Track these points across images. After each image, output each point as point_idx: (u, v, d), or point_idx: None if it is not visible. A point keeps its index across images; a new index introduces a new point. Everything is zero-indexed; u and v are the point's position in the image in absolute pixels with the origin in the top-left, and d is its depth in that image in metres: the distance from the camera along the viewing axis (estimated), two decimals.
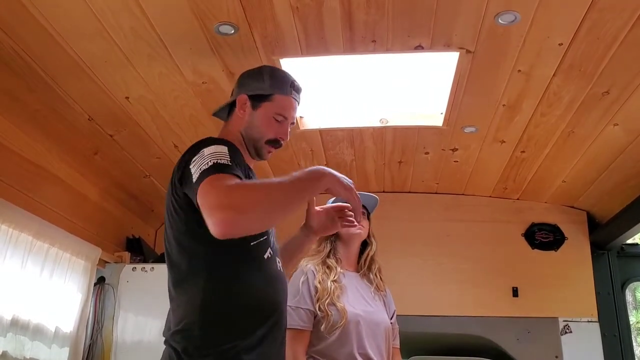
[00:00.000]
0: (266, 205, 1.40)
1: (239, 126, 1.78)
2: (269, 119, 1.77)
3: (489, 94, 2.62)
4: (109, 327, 3.22)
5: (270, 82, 1.79)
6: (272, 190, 1.44)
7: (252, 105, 1.77)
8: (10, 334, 2.50)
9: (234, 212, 1.35)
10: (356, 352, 2.27)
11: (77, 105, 2.66)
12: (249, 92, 1.78)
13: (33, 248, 2.67)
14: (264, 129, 1.77)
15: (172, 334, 1.51)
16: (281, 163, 3.46)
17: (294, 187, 1.48)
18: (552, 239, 3.75)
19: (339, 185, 1.58)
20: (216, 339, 1.48)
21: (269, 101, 1.77)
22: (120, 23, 2.13)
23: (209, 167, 1.45)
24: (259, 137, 1.77)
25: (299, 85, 1.84)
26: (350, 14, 2.12)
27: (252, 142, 1.78)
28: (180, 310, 1.53)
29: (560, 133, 2.90)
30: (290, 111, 1.80)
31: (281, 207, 1.43)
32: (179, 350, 1.47)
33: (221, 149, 1.53)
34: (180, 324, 1.50)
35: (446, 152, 3.27)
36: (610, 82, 2.41)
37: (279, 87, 1.79)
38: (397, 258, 3.67)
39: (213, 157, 1.48)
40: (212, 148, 1.52)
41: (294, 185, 1.48)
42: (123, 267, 3.36)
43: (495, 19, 2.09)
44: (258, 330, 1.54)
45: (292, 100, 1.81)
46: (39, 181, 2.76)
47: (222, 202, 1.36)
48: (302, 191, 1.51)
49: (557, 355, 3.49)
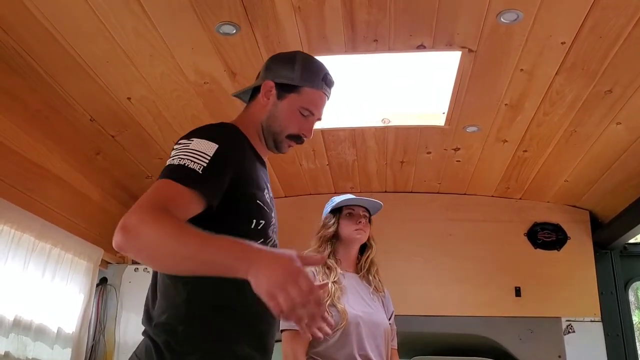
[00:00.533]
0: (159, 255, 1.24)
1: (260, 114, 1.64)
2: (294, 112, 1.63)
3: (491, 93, 2.61)
4: (111, 327, 3.23)
5: (301, 72, 1.64)
6: (178, 243, 1.21)
7: (277, 94, 1.63)
8: (12, 334, 2.50)
9: (128, 241, 1.22)
10: (356, 353, 2.28)
11: (78, 105, 2.66)
12: (277, 80, 1.64)
13: (35, 249, 2.67)
14: (287, 123, 1.62)
15: (153, 326, 1.42)
16: (283, 163, 3.46)
17: (203, 255, 1.21)
18: (555, 238, 3.74)
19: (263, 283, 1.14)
20: (201, 337, 1.39)
21: (297, 93, 1.63)
22: (121, 23, 2.13)
23: (176, 165, 1.35)
24: (280, 130, 1.63)
25: (332, 79, 1.70)
26: (352, 14, 2.11)
27: (271, 134, 1.64)
28: (164, 302, 1.44)
29: (562, 132, 2.89)
30: (318, 107, 1.66)
31: (174, 266, 1.27)
32: (160, 344, 1.38)
33: (208, 149, 1.39)
34: (162, 316, 1.41)
35: (448, 151, 3.26)
36: (613, 80, 2.40)
37: (310, 79, 1.64)
38: (399, 258, 3.67)
39: (189, 155, 1.36)
40: (200, 143, 1.40)
41: (206, 253, 1.21)
42: (125, 267, 3.36)
43: (497, 18, 2.08)
44: (246, 332, 1.45)
45: (323, 95, 1.67)
46: (41, 182, 2.76)
47: (130, 221, 1.23)
48: (209, 264, 1.21)
49: (560, 355, 3.48)
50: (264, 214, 1.53)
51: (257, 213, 1.51)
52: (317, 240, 2.57)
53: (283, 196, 3.92)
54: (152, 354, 1.38)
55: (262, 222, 1.51)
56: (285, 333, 2.31)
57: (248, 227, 1.48)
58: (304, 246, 2.63)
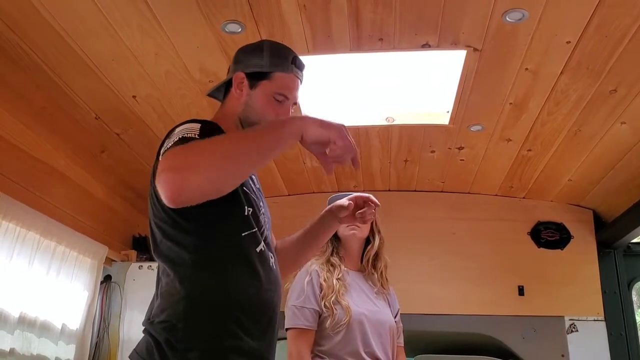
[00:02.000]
0: (221, 159, 1.25)
1: (235, 107, 1.63)
2: (268, 99, 1.60)
3: (495, 92, 2.61)
4: (115, 325, 3.23)
5: (270, 58, 1.63)
6: (229, 142, 1.30)
7: (249, 84, 1.61)
8: (17, 331, 2.51)
9: (184, 171, 1.21)
10: (362, 350, 2.27)
11: (84, 103, 2.67)
12: (247, 70, 1.62)
13: (40, 246, 2.67)
14: (264, 110, 1.60)
15: (153, 324, 1.41)
16: (286, 162, 3.47)
17: (256, 137, 1.33)
18: (558, 237, 3.74)
19: (314, 125, 1.33)
20: (202, 333, 1.37)
21: (268, 80, 1.61)
22: (127, 21, 2.14)
23: (174, 142, 1.36)
24: (258, 119, 1.59)
25: (302, 62, 1.68)
26: (357, 12, 2.11)
27: (250, 125, 1.61)
28: (163, 301, 1.43)
29: (567, 132, 2.89)
30: (292, 90, 1.63)
31: (241, 160, 1.28)
32: (161, 341, 1.36)
33: (192, 126, 1.42)
34: (162, 314, 1.40)
35: (452, 150, 3.26)
36: (618, 80, 2.40)
37: (279, 63, 1.62)
38: (403, 257, 3.66)
39: (180, 134, 1.38)
40: (183, 126, 1.42)
41: (256, 134, 1.35)
42: (129, 265, 3.36)
43: (502, 17, 2.08)
44: (247, 328, 1.43)
45: (294, 78, 1.64)
46: (46, 179, 2.76)
47: (171, 164, 1.24)
48: (267, 141, 1.32)
49: (563, 354, 3.48)
50: (251, 201, 1.53)
51: (245, 199, 1.51)
52: None
53: (286, 195, 3.92)
54: (153, 351, 1.37)
55: (250, 209, 1.52)
56: (291, 331, 2.31)
57: (237, 213, 1.48)
58: None
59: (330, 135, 1.33)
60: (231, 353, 1.39)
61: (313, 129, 1.32)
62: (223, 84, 1.69)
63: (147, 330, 1.44)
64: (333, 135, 1.33)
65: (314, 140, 1.34)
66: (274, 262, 1.58)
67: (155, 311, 1.43)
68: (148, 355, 1.39)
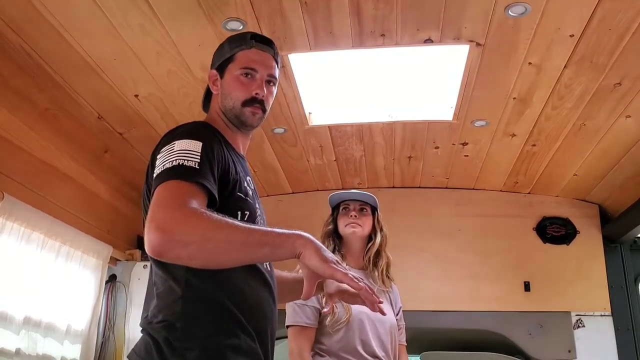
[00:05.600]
0: (210, 248, 1.25)
1: (216, 104, 1.66)
2: (236, 79, 1.61)
3: (499, 87, 2.60)
4: (120, 324, 3.24)
5: (229, 45, 1.66)
6: (226, 230, 1.27)
7: (220, 75, 1.65)
8: (23, 331, 2.52)
9: (172, 240, 1.22)
10: (361, 349, 2.28)
11: (86, 103, 2.67)
12: (215, 66, 1.67)
13: (45, 246, 2.68)
14: (236, 91, 1.60)
15: (151, 324, 1.41)
16: (290, 160, 3.46)
17: (253, 237, 1.29)
18: (564, 232, 3.72)
19: (315, 253, 1.30)
20: (200, 332, 1.38)
21: (232, 62, 1.63)
22: (128, 20, 2.13)
23: (172, 166, 1.35)
24: (234, 102, 1.61)
25: (264, 37, 1.69)
26: (358, 8, 2.11)
27: (231, 112, 1.62)
28: (161, 300, 1.43)
29: (571, 126, 2.88)
30: (257, 62, 1.62)
31: (227, 253, 1.28)
32: (159, 340, 1.37)
33: (194, 146, 1.39)
34: (160, 314, 1.40)
35: (456, 146, 3.25)
36: (622, 73, 2.38)
37: (238, 44, 1.64)
38: (408, 254, 3.66)
39: (180, 156, 1.36)
40: (184, 143, 1.40)
41: (255, 235, 1.30)
42: (134, 264, 3.37)
43: (505, 11, 2.07)
44: (245, 326, 1.43)
45: (257, 51, 1.63)
46: (50, 180, 2.77)
47: (164, 221, 1.24)
48: (261, 245, 1.30)
49: (570, 349, 3.47)
50: (248, 205, 1.53)
51: (241, 204, 1.51)
52: (320, 238, 2.58)
53: (290, 192, 3.92)
54: (151, 351, 1.37)
55: (247, 213, 1.51)
56: (291, 329, 2.32)
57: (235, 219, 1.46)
58: None
59: (326, 272, 1.30)
60: (229, 351, 1.39)
61: (311, 258, 1.30)
62: (205, 94, 1.74)
63: (146, 330, 1.44)
64: (332, 273, 1.30)
65: (311, 268, 1.32)
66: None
67: (153, 311, 1.44)
68: (147, 355, 1.39)
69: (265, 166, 3.52)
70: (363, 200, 2.57)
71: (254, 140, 1.77)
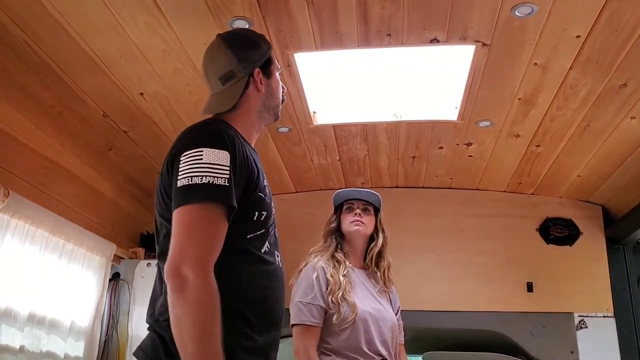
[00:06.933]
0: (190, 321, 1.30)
1: (256, 104, 1.67)
2: (279, 81, 1.74)
3: (504, 88, 2.60)
4: (124, 322, 3.24)
5: (264, 44, 1.72)
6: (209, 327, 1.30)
7: (263, 74, 1.68)
8: (27, 328, 2.52)
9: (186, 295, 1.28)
10: (366, 348, 2.30)
11: (91, 101, 2.67)
12: (258, 64, 1.67)
13: (49, 244, 2.68)
14: (279, 92, 1.74)
15: (158, 321, 1.42)
16: (294, 159, 3.46)
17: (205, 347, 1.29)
18: (567, 233, 3.72)
19: None
20: None
21: (273, 63, 1.73)
22: (134, 18, 2.13)
23: (202, 184, 1.36)
24: (278, 102, 1.73)
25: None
26: (365, 8, 2.10)
27: (274, 111, 1.72)
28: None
29: (576, 127, 2.87)
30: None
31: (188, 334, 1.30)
32: (166, 338, 1.37)
33: (222, 159, 1.40)
34: (167, 312, 1.37)
35: (460, 146, 3.25)
36: (628, 74, 2.38)
37: (268, 45, 1.73)
38: (411, 253, 3.67)
39: (210, 171, 1.37)
40: (212, 154, 1.40)
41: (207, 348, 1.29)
42: (137, 262, 3.37)
43: (511, 12, 2.07)
44: (252, 324, 1.44)
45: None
46: (55, 177, 2.77)
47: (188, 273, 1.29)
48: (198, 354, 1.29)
49: (572, 350, 3.47)
50: (265, 205, 1.54)
51: (260, 204, 1.52)
52: (323, 236, 2.59)
53: (294, 191, 3.92)
54: (158, 348, 1.38)
55: (264, 213, 1.53)
56: (296, 328, 2.32)
57: (252, 219, 1.50)
58: (313, 241, 2.64)
59: None
60: (237, 349, 1.39)
61: None
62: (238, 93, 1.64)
63: (152, 328, 1.44)
64: None
65: None
66: (279, 260, 1.59)
67: (160, 309, 1.44)
68: (153, 352, 1.40)
69: (269, 165, 3.52)
70: (367, 201, 2.58)
71: (258, 139, 1.76)
